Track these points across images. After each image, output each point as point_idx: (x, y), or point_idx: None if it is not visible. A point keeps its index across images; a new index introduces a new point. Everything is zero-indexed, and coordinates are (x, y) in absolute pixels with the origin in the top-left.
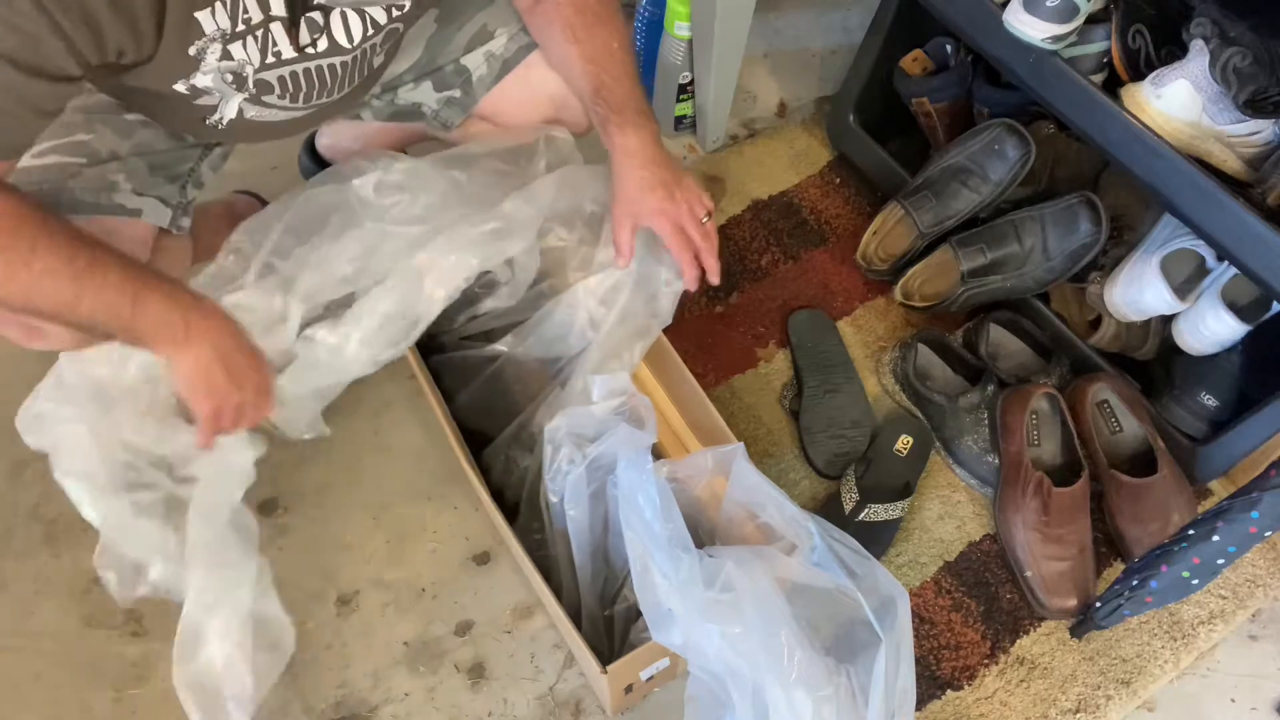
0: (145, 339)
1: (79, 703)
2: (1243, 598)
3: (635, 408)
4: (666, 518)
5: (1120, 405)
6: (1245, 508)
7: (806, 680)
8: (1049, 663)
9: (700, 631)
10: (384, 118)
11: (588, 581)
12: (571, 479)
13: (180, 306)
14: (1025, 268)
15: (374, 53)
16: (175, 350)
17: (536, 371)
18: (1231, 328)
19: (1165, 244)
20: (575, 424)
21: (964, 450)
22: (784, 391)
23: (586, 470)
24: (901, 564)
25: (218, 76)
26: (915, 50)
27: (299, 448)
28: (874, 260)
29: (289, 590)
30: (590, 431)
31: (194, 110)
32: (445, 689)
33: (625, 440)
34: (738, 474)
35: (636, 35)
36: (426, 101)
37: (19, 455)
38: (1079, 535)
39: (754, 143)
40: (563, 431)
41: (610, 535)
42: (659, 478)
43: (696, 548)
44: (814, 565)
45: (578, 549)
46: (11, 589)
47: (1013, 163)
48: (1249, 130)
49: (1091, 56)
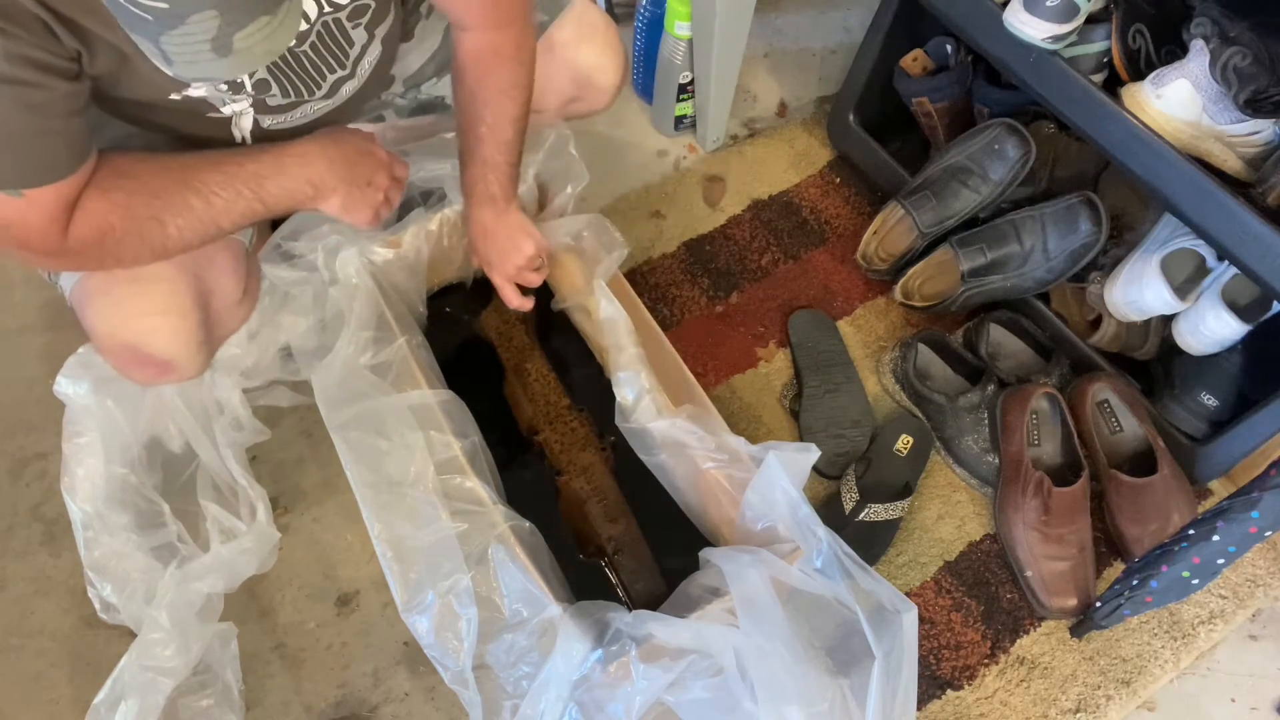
0: (290, 211)
1: (79, 703)
2: (1243, 598)
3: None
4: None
5: (1120, 405)
6: (1245, 507)
7: (801, 695)
8: (1049, 662)
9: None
10: (408, 114)
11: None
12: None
13: (291, 173)
14: (1025, 268)
15: (349, 25)
16: (317, 204)
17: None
18: (1231, 328)
19: (1165, 244)
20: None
21: (964, 450)
22: (784, 391)
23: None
24: (901, 564)
25: (210, 87)
26: (915, 50)
27: (299, 447)
28: (874, 260)
29: (289, 590)
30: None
31: (212, 125)
32: (445, 689)
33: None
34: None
35: (636, 35)
36: (448, 94)
37: (19, 455)
38: (1079, 535)
39: (754, 142)
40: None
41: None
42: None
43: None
44: (816, 572)
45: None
46: (11, 589)
47: (1013, 162)
48: (1249, 130)
49: (1092, 56)
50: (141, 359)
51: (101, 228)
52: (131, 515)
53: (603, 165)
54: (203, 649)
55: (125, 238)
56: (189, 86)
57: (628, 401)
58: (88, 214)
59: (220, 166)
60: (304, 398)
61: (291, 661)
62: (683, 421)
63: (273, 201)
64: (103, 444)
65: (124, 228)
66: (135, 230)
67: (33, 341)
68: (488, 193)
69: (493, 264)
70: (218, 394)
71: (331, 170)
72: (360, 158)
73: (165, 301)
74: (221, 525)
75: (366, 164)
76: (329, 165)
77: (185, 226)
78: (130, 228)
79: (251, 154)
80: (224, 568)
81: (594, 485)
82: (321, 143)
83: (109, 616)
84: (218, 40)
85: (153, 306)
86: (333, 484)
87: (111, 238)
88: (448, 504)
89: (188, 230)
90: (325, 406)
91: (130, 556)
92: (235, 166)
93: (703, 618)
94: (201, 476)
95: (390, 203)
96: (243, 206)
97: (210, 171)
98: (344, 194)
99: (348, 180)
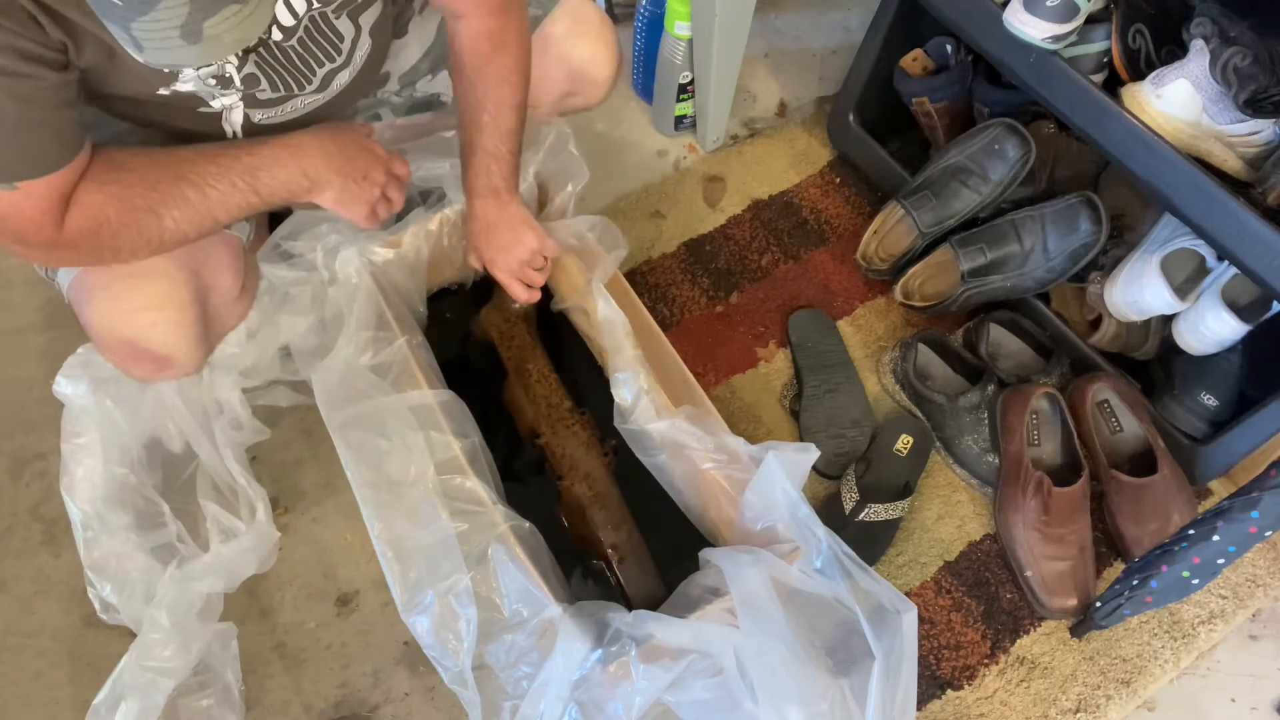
0: (285, 203)
1: (79, 702)
2: (1243, 598)
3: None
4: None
5: (1120, 405)
6: (1245, 507)
7: (801, 695)
8: (1049, 662)
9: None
10: (404, 113)
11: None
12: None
13: (286, 165)
14: (1025, 267)
15: (334, 18)
16: (312, 196)
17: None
18: (1231, 328)
19: (1165, 244)
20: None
21: (964, 450)
22: (784, 391)
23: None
24: (901, 564)
25: (199, 82)
26: (915, 50)
27: (298, 447)
28: (874, 260)
29: (289, 590)
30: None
31: (203, 120)
32: (445, 689)
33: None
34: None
35: (636, 35)
36: (445, 91)
37: (19, 455)
38: (1079, 535)
39: (754, 142)
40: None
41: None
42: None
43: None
44: (816, 572)
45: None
46: (11, 588)
47: (1013, 162)
48: (1249, 130)
49: (1092, 56)
50: (139, 354)
51: (97, 220)
52: (131, 515)
53: (603, 165)
54: (203, 649)
55: (121, 230)
56: (177, 81)
57: (626, 403)
58: (83, 206)
59: (215, 159)
60: (304, 397)
61: (291, 661)
62: (682, 422)
63: (268, 193)
64: (102, 444)
65: (120, 220)
66: (131, 222)
67: (33, 341)
68: (491, 185)
69: (495, 259)
70: (217, 394)
71: (327, 163)
72: (357, 152)
73: (164, 296)
74: (221, 525)
75: (363, 158)
76: (325, 158)
77: (181, 219)
78: (126, 220)
79: (247, 146)
80: (224, 567)
81: (596, 491)
82: (318, 136)
83: (109, 616)
84: (187, 26)
85: (151, 301)
86: (333, 484)
87: (107, 230)
88: (448, 504)
89: (184, 222)
90: (325, 406)
91: (130, 556)
92: (231, 159)
93: (703, 618)
94: (201, 476)
95: (391, 202)
96: (238, 199)
97: (206, 164)
98: (339, 187)
99: (343, 174)
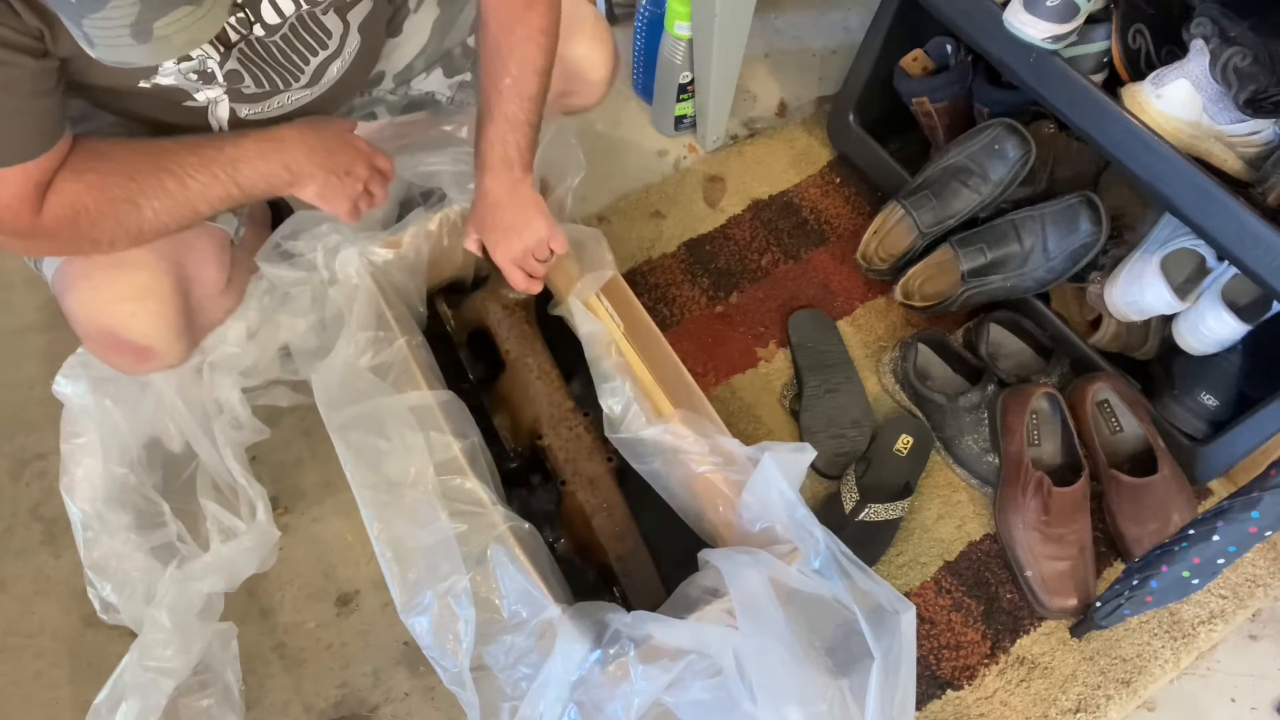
0: (266, 196)
1: (79, 702)
2: (1243, 598)
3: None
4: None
5: (1120, 405)
6: (1245, 507)
7: (801, 695)
8: (1049, 662)
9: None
10: (399, 111)
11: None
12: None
13: (268, 158)
14: (1025, 267)
15: (322, 16)
16: (294, 190)
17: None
18: (1231, 328)
19: (1165, 244)
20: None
21: (964, 450)
22: (784, 391)
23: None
24: (901, 564)
25: (180, 76)
26: (915, 50)
27: (298, 447)
28: (874, 260)
29: (289, 590)
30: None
31: (189, 114)
32: (445, 689)
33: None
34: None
35: (636, 35)
36: (439, 89)
37: (19, 455)
38: (1079, 535)
39: (754, 142)
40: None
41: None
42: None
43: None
44: (814, 573)
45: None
46: (11, 588)
47: (1013, 162)
48: (1249, 130)
49: (1092, 56)
50: (120, 344)
51: (75, 209)
52: (131, 515)
53: (603, 165)
54: (203, 649)
55: (100, 219)
56: (157, 74)
57: (615, 413)
58: (61, 195)
59: (197, 150)
60: (304, 397)
61: (291, 661)
62: (675, 426)
63: (249, 186)
64: (102, 444)
65: (98, 209)
66: (110, 212)
67: (33, 341)
68: (505, 156)
69: (497, 243)
70: (217, 393)
71: (310, 157)
72: (339, 146)
73: (144, 287)
74: (221, 525)
75: (346, 153)
76: (307, 152)
77: (161, 209)
78: (105, 209)
79: (230, 139)
80: (224, 567)
81: (600, 499)
82: (301, 130)
83: (109, 616)
84: (137, 26)
85: (131, 291)
86: (332, 484)
87: (85, 219)
88: (447, 504)
89: (164, 213)
90: (325, 407)
91: (130, 556)
92: (212, 150)
93: (702, 618)
94: (201, 476)
95: (372, 196)
96: (219, 190)
97: (187, 155)
98: (321, 181)
99: (325, 168)
